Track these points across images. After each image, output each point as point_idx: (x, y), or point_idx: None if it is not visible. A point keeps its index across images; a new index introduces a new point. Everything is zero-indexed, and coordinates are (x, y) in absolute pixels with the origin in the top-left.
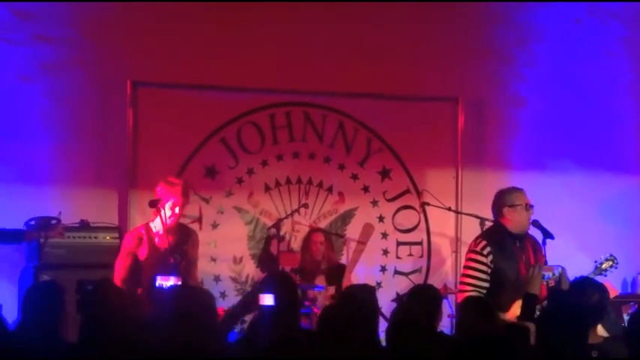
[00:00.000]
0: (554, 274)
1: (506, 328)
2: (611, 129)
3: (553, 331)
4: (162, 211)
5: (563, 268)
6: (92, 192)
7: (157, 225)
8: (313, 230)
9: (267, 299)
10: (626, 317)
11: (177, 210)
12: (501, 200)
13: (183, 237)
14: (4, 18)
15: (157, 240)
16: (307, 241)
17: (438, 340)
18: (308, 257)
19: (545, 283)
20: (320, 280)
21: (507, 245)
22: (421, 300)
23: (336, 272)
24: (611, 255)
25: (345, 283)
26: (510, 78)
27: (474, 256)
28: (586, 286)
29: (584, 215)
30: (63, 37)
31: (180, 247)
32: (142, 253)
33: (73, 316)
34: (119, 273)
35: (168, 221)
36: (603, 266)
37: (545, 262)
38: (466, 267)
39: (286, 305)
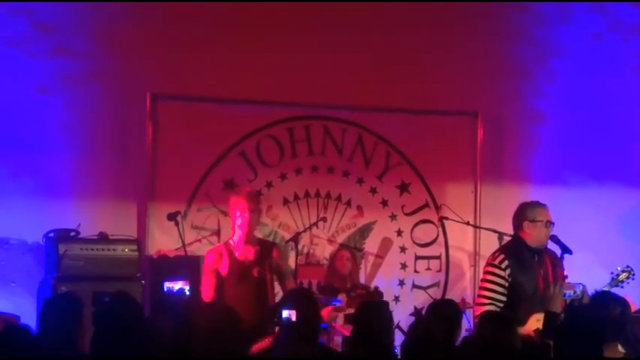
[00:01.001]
0: (575, 292)
1: (526, 344)
2: (631, 144)
3: (572, 346)
4: (237, 221)
5: (584, 286)
6: (111, 204)
7: (236, 239)
8: (341, 247)
9: (289, 314)
10: None
11: (246, 217)
12: (523, 214)
13: (264, 250)
14: (25, 30)
15: (237, 254)
16: (333, 258)
17: (456, 355)
18: (333, 273)
19: (566, 301)
20: (342, 297)
21: (525, 259)
22: (441, 315)
23: (368, 296)
24: (628, 266)
25: None
26: (530, 93)
27: (491, 269)
28: (608, 299)
29: (603, 230)
30: (83, 50)
31: (263, 260)
32: (224, 269)
33: (91, 328)
34: (207, 293)
35: (240, 231)
36: (620, 277)
37: (565, 277)
38: (484, 280)
39: (307, 321)
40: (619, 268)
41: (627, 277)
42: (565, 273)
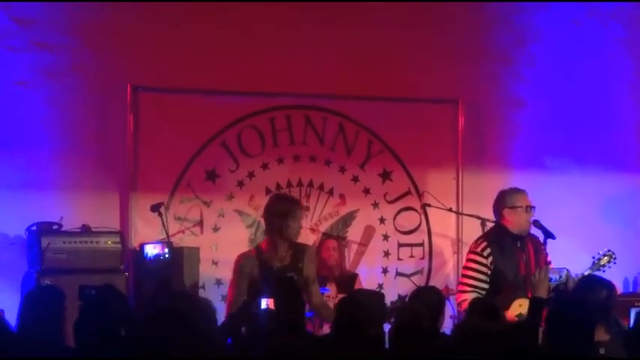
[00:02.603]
0: (560, 277)
1: (513, 328)
2: (612, 128)
3: (561, 329)
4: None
5: (568, 271)
6: (93, 197)
7: (269, 245)
8: (325, 237)
9: (267, 303)
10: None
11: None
12: (502, 201)
13: (297, 254)
14: (4, 24)
15: (268, 259)
16: (319, 248)
17: (441, 341)
18: (320, 264)
19: (551, 286)
20: (330, 286)
21: (507, 246)
22: (424, 302)
23: (349, 281)
24: (609, 250)
25: None
26: (510, 79)
27: (473, 257)
28: (594, 283)
29: (585, 214)
30: (63, 43)
31: (296, 265)
32: (255, 274)
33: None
34: (235, 298)
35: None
36: (601, 262)
37: (549, 262)
38: (466, 267)
39: (288, 309)
40: (600, 253)
41: (609, 262)
42: (549, 258)
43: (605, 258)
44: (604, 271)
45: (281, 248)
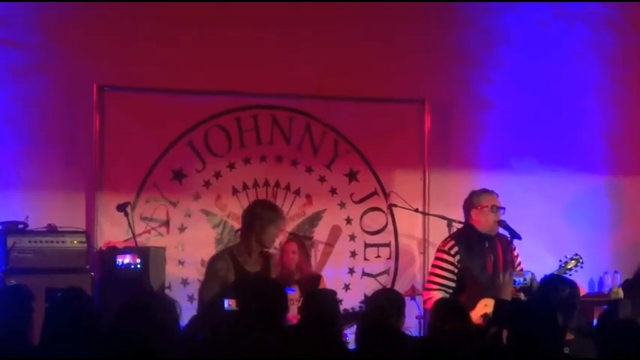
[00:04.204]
0: (524, 280)
1: (478, 331)
2: (578, 130)
3: (525, 330)
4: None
5: (533, 274)
6: (59, 196)
7: (244, 249)
8: (287, 239)
9: (230, 304)
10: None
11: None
12: (470, 201)
13: (267, 261)
14: None
15: (242, 263)
16: (281, 250)
17: (404, 341)
18: (281, 266)
19: (516, 288)
20: (295, 288)
21: (475, 245)
22: (382, 304)
23: (312, 283)
24: (576, 254)
25: None
26: (477, 80)
27: (441, 255)
28: (557, 282)
29: (551, 215)
30: (29, 42)
31: (267, 272)
32: (230, 279)
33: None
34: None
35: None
36: (568, 265)
37: (519, 263)
38: (433, 266)
39: (251, 311)
40: (567, 256)
41: (576, 265)
42: (518, 259)
43: (572, 262)
44: (570, 275)
45: (254, 253)
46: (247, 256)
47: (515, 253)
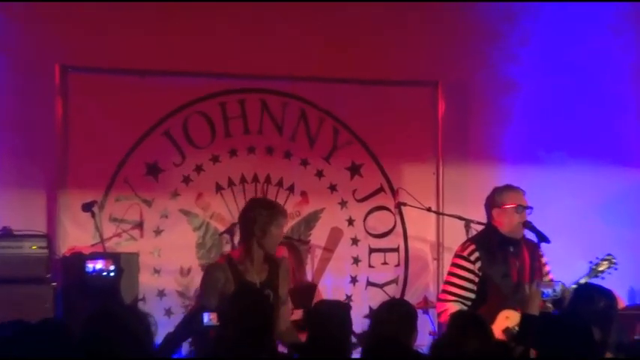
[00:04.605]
0: (554, 291)
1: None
2: (614, 116)
3: (557, 348)
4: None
5: (563, 284)
6: (16, 195)
7: (244, 256)
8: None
9: (210, 318)
10: None
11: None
12: (492, 200)
13: (273, 268)
14: None
15: (243, 272)
16: None
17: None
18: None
19: (545, 301)
20: None
21: (499, 250)
22: (390, 318)
23: (305, 294)
24: (609, 254)
25: None
26: (499, 58)
27: (459, 261)
28: (591, 292)
29: (583, 215)
30: None
31: (273, 281)
32: (229, 291)
33: None
34: None
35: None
36: (600, 268)
37: (548, 272)
38: (450, 274)
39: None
40: (598, 257)
41: (608, 267)
42: (547, 268)
43: (605, 263)
44: (603, 279)
45: (257, 260)
46: (249, 264)
47: (544, 260)
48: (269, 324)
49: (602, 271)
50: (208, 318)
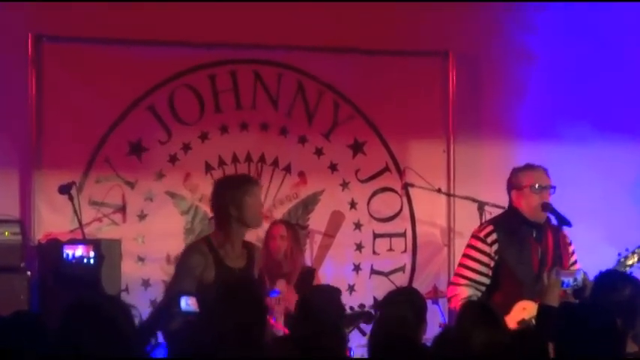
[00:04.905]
0: (575, 280)
1: (518, 342)
2: None
3: (577, 341)
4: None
5: (585, 273)
6: None
7: (224, 240)
8: (273, 222)
9: (188, 303)
10: None
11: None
12: (510, 181)
13: (250, 254)
14: None
15: (224, 257)
16: (266, 235)
17: (425, 356)
18: (266, 256)
19: (566, 291)
20: (280, 285)
21: (519, 234)
22: (397, 309)
23: (304, 278)
24: (638, 247)
25: None
26: (514, 26)
27: (475, 243)
28: (614, 279)
29: (609, 195)
30: None
31: (251, 267)
32: (209, 277)
33: None
34: None
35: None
36: (629, 261)
37: (575, 262)
38: (464, 255)
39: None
40: (629, 249)
41: (638, 261)
42: (574, 257)
43: (635, 257)
44: (631, 273)
45: (237, 245)
46: (229, 247)
47: (571, 249)
48: (262, 318)
49: (631, 265)
50: (187, 302)
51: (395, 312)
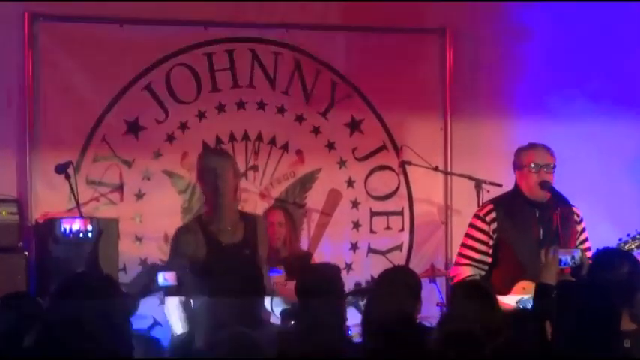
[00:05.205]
0: (573, 258)
1: (515, 321)
2: None
3: (574, 319)
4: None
5: (582, 250)
6: None
7: (213, 214)
8: (270, 208)
9: (166, 278)
10: None
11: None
12: (514, 160)
13: (249, 227)
14: None
15: (215, 233)
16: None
17: (420, 334)
18: None
19: (562, 270)
20: (281, 269)
21: (521, 214)
22: (392, 287)
23: (301, 263)
24: (638, 233)
25: None
26: (511, 3)
27: (475, 222)
28: (612, 256)
29: (608, 173)
30: None
31: (250, 240)
32: (201, 255)
33: None
34: None
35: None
36: (628, 246)
37: (585, 240)
38: (465, 235)
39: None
40: (629, 235)
41: (638, 247)
42: (584, 235)
43: (634, 242)
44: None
45: (228, 218)
46: (221, 222)
47: (581, 227)
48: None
49: (631, 250)
50: (164, 277)
51: (389, 290)
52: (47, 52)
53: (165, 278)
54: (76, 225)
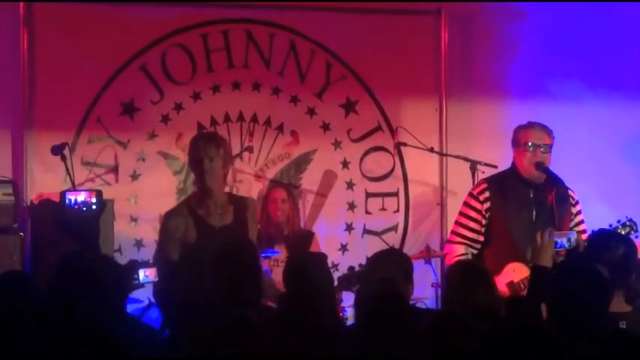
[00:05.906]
0: (568, 240)
1: (511, 304)
2: (634, 45)
3: (569, 301)
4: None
5: (578, 233)
6: None
7: (202, 197)
8: (272, 186)
9: (146, 274)
10: None
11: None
12: (512, 137)
13: (240, 210)
14: None
15: (205, 216)
16: (264, 200)
17: (413, 316)
18: (266, 220)
19: (558, 252)
20: (280, 247)
21: (515, 193)
22: (384, 269)
23: (303, 242)
24: (630, 220)
25: None
26: None
27: (468, 200)
28: (608, 238)
29: (603, 154)
30: None
31: (240, 224)
32: (191, 238)
33: None
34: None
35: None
36: (618, 232)
37: (580, 222)
38: (459, 213)
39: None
40: (620, 220)
41: (628, 233)
42: (579, 217)
43: (625, 229)
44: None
45: (218, 201)
46: (210, 204)
47: (576, 209)
48: (253, 278)
49: None
50: (145, 274)
51: (381, 272)
52: (42, 33)
53: (145, 275)
54: (82, 196)
